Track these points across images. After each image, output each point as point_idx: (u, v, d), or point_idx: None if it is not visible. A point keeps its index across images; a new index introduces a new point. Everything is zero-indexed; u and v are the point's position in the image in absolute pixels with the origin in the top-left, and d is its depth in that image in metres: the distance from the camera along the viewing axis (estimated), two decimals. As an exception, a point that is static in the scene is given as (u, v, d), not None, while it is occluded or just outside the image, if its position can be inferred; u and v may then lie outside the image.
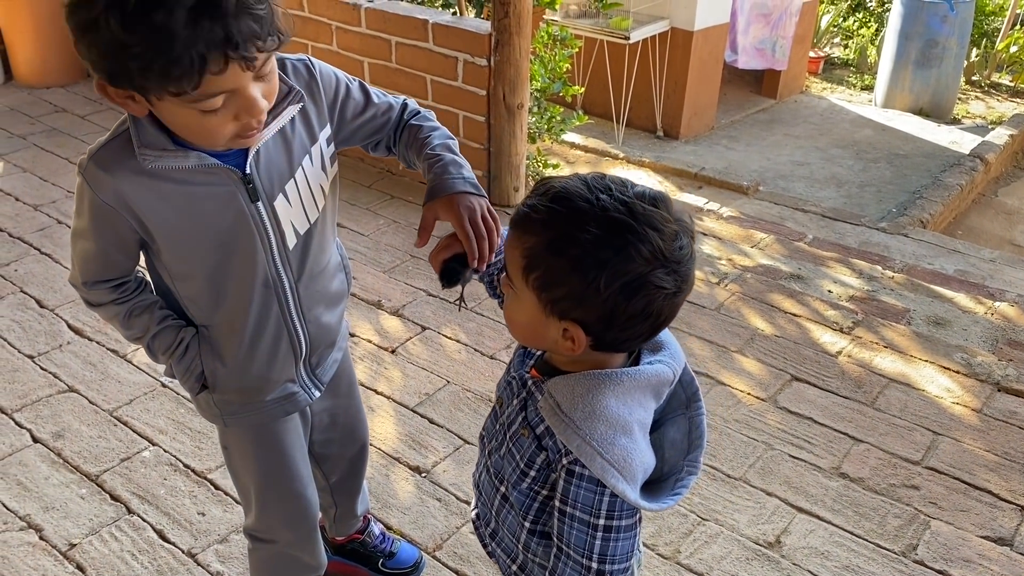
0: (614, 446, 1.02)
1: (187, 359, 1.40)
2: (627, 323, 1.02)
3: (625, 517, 1.07)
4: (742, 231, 3.79)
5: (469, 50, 3.53)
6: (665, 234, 0.99)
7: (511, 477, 1.16)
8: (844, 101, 7.40)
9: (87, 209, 1.26)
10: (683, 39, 5.99)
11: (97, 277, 1.35)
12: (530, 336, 1.11)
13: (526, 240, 1.03)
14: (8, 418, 2.46)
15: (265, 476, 1.58)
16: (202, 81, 1.03)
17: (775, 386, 2.66)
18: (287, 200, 1.31)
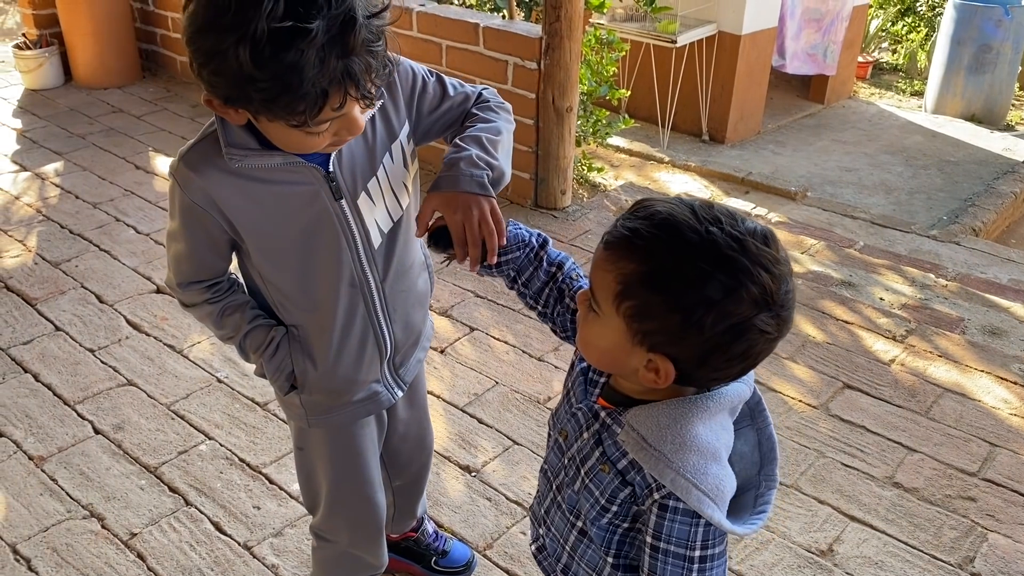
0: (707, 475, 0.99)
1: (277, 358, 1.41)
2: (723, 364, 0.98)
3: (718, 544, 1.04)
4: (791, 237, 3.76)
5: (519, 53, 3.55)
6: (775, 276, 0.95)
7: (590, 513, 1.11)
8: (893, 107, 7.29)
9: (178, 210, 1.30)
10: (731, 43, 5.95)
11: (190, 278, 1.38)
12: (608, 362, 1.07)
13: (624, 266, 0.97)
14: (71, 409, 2.53)
15: (339, 479, 1.59)
16: (320, 114, 1.07)
17: (827, 393, 2.63)
18: (370, 198, 1.32)
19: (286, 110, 1.06)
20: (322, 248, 1.32)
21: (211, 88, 1.09)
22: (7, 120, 4.54)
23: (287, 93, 1.03)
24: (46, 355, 2.76)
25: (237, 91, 1.06)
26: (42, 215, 3.61)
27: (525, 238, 1.27)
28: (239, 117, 1.15)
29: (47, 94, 4.84)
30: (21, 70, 4.87)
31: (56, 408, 2.54)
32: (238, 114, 1.14)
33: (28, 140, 4.31)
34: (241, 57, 1.00)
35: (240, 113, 1.14)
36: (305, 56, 1.00)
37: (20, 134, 4.37)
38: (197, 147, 1.26)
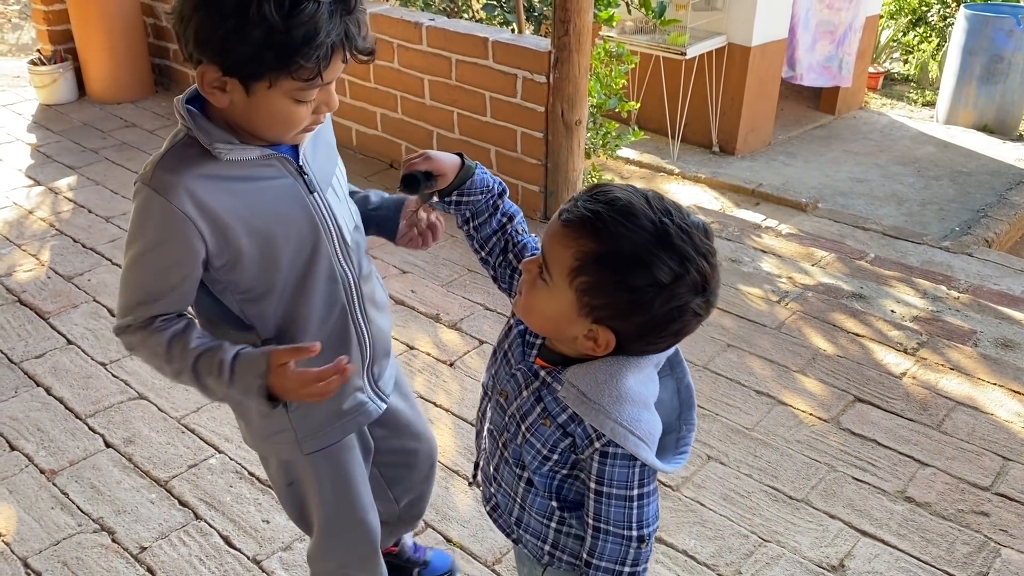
0: (641, 422, 1.10)
1: (237, 376, 1.29)
2: (657, 339, 1.09)
3: (651, 482, 1.17)
4: (802, 249, 3.75)
5: (528, 67, 3.56)
6: (713, 266, 1.07)
7: (532, 463, 1.22)
8: (904, 117, 7.27)
9: (158, 224, 1.23)
10: (740, 55, 5.96)
11: (148, 312, 1.29)
12: (549, 328, 1.15)
13: (583, 244, 1.05)
14: (82, 423, 2.54)
15: (333, 507, 1.58)
16: (324, 71, 1.15)
17: (838, 407, 2.62)
18: (336, 195, 1.38)
19: (303, 60, 1.13)
20: (305, 242, 1.33)
21: (218, 55, 1.14)
22: (22, 135, 4.59)
23: (306, 44, 1.11)
24: (58, 369, 2.77)
25: (252, 51, 1.12)
26: (55, 229, 3.64)
27: (489, 184, 1.35)
28: (222, 99, 1.19)
29: (61, 109, 4.89)
30: (36, 85, 4.92)
31: (67, 422, 2.55)
32: (225, 94, 1.18)
33: (42, 155, 4.35)
34: (265, 10, 1.09)
35: (228, 92, 1.18)
36: (321, 10, 1.11)
37: (34, 148, 4.42)
38: (170, 155, 1.25)
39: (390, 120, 4.22)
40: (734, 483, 2.33)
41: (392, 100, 4.15)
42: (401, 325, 3.05)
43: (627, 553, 1.17)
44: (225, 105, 1.21)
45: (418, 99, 4.03)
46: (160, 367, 1.34)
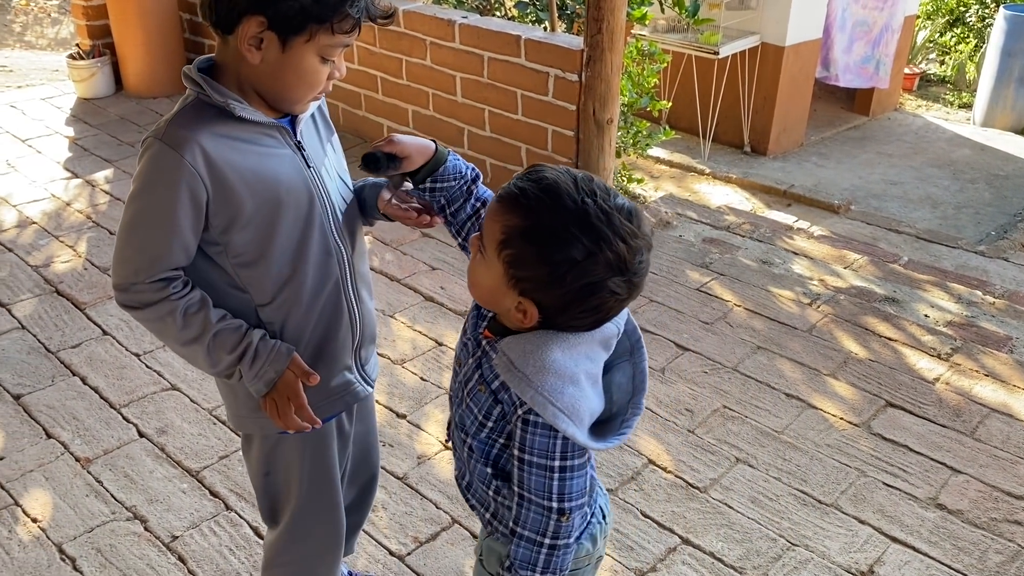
0: (563, 395, 1.13)
1: (257, 364, 1.37)
2: (578, 314, 1.14)
3: (577, 457, 1.19)
4: (834, 251, 3.71)
5: (560, 65, 3.56)
6: (632, 247, 1.10)
7: (471, 428, 1.27)
8: (940, 119, 7.16)
9: (168, 177, 1.26)
10: (774, 54, 5.90)
11: (156, 267, 1.31)
12: (487, 299, 1.22)
13: (509, 219, 1.11)
14: (117, 412, 2.59)
15: (311, 492, 1.58)
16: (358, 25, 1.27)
17: (869, 411, 2.59)
18: (328, 174, 1.43)
19: (349, 10, 1.24)
20: (303, 212, 1.37)
21: (268, 7, 1.22)
22: (60, 128, 4.67)
23: None
24: (94, 359, 2.82)
25: (305, 2, 1.22)
26: (92, 221, 3.70)
27: (462, 170, 1.39)
28: (257, 55, 1.26)
29: (98, 103, 4.97)
30: (74, 79, 5.00)
31: (102, 411, 2.59)
32: (259, 51, 1.26)
33: (79, 147, 4.42)
34: None
35: (263, 49, 1.26)
36: None
37: (72, 141, 4.49)
38: (182, 113, 1.30)
39: (422, 117, 4.24)
40: (762, 486, 2.32)
41: (424, 97, 4.17)
42: (430, 321, 3.06)
43: (547, 524, 1.20)
44: (256, 62, 1.27)
45: (449, 96, 4.05)
46: (165, 332, 1.36)
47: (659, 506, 2.26)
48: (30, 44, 7.19)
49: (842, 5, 6.14)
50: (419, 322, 3.06)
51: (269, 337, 1.40)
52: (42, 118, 4.77)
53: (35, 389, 2.68)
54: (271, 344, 1.38)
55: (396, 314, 3.10)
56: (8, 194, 3.91)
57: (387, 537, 2.17)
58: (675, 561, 2.09)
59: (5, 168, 4.18)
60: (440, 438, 2.50)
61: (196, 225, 1.30)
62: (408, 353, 2.89)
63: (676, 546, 2.14)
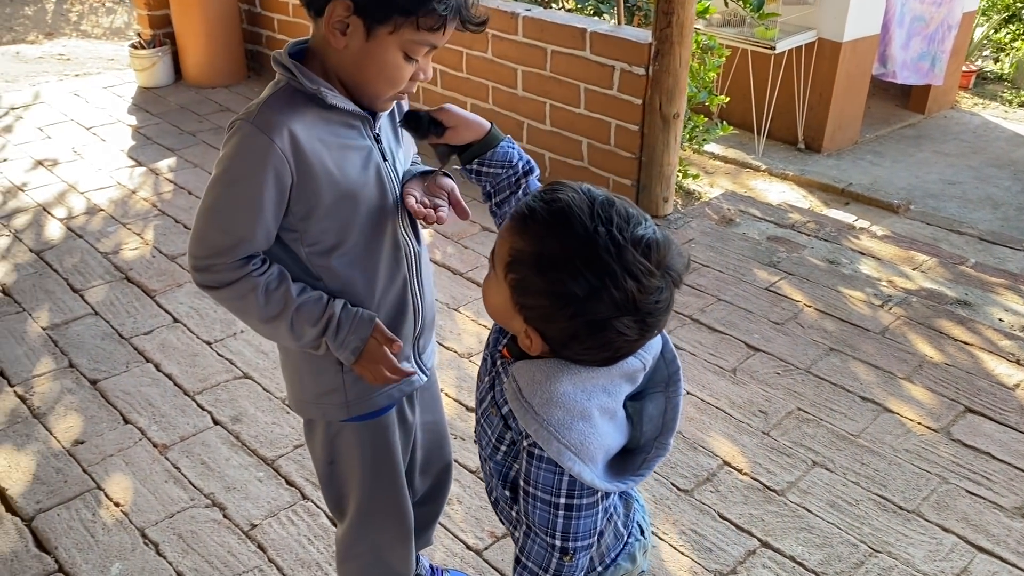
0: (571, 430, 1.05)
1: (342, 334, 1.36)
2: (584, 351, 1.05)
3: (586, 496, 1.09)
4: (901, 252, 3.64)
5: (627, 59, 3.53)
6: (644, 287, 0.99)
7: (486, 449, 1.22)
8: (999, 118, 7.02)
9: (254, 159, 1.26)
10: (831, 50, 5.81)
11: (239, 250, 1.31)
12: (499, 318, 1.14)
13: (516, 241, 1.04)
14: (191, 400, 2.62)
15: (373, 481, 1.58)
16: (448, 25, 1.23)
17: (947, 417, 2.54)
18: (397, 169, 1.42)
19: (436, 6, 1.20)
20: (375, 204, 1.37)
21: None
22: (123, 116, 4.73)
23: None
24: (166, 346, 2.85)
25: None
26: (157, 209, 3.74)
27: (513, 159, 1.33)
28: (341, 40, 1.24)
29: (159, 92, 5.02)
30: (136, 68, 5.06)
31: (177, 398, 2.62)
32: (344, 37, 1.24)
33: (143, 136, 4.47)
34: None
35: (348, 35, 1.23)
36: None
37: (135, 130, 4.55)
38: (275, 97, 1.29)
39: (480, 110, 4.22)
40: (841, 490, 2.28)
41: (483, 90, 4.16)
42: (495, 315, 3.05)
43: (550, 561, 1.13)
44: (340, 47, 1.25)
45: (510, 89, 4.03)
46: (247, 310, 1.36)
47: (736, 508, 2.23)
48: (86, 33, 7.29)
49: (901, 1, 6.03)
50: (483, 316, 3.05)
51: (350, 305, 1.39)
52: (104, 107, 4.84)
53: (111, 375, 2.72)
54: (353, 312, 1.37)
55: (460, 308, 3.10)
56: (76, 181, 3.97)
57: (464, 531, 2.17)
58: (755, 564, 2.07)
59: (72, 155, 4.24)
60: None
61: (278, 210, 1.30)
62: (474, 347, 2.89)
63: (755, 549, 2.11)
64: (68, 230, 3.56)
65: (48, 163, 4.16)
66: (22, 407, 2.58)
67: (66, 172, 4.07)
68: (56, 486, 2.29)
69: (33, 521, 2.18)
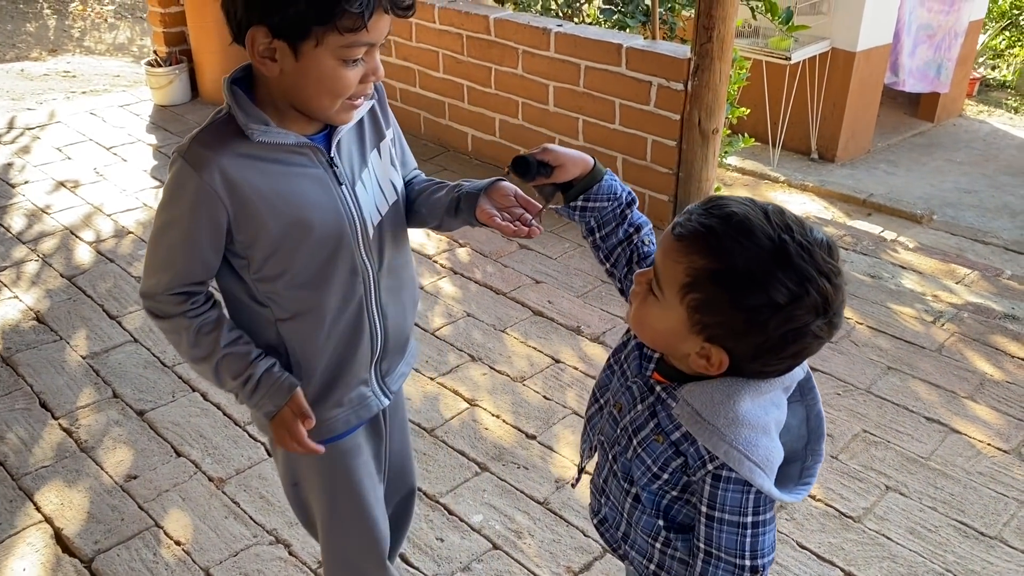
0: (758, 447, 1.05)
1: (257, 395, 1.37)
2: (775, 362, 1.04)
3: (768, 511, 1.11)
4: (942, 265, 3.62)
5: (664, 74, 3.49)
6: (836, 286, 1.01)
7: (641, 480, 1.18)
8: (1007, 125, 7.04)
9: (187, 196, 1.25)
10: (844, 60, 5.81)
11: (177, 281, 1.32)
12: (661, 343, 1.12)
13: (695, 260, 1.02)
14: (242, 430, 2.55)
15: (336, 506, 1.55)
16: (369, 22, 1.16)
17: (1017, 437, 2.51)
18: (364, 187, 1.38)
19: (347, 5, 1.14)
20: (330, 231, 1.33)
21: (266, 15, 1.16)
22: (142, 136, 4.65)
23: None
24: (210, 374, 2.78)
25: (300, 5, 1.13)
26: (185, 231, 3.67)
27: (617, 191, 1.31)
28: (272, 68, 1.20)
29: (176, 110, 4.95)
30: (152, 86, 4.99)
31: (228, 429, 2.55)
32: (275, 63, 1.20)
33: (163, 155, 4.40)
34: None
35: (278, 60, 1.19)
36: None
37: (156, 149, 4.47)
38: (208, 129, 1.27)
39: (509, 126, 4.18)
40: (919, 516, 2.24)
41: (513, 106, 4.12)
42: (543, 337, 3.01)
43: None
44: (276, 75, 1.22)
45: (541, 105, 3.99)
46: (179, 345, 1.39)
47: (815, 536, 2.19)
48: (89, 49, 7.20)
49: (909, 8, 6.04)
50: (531, 337, 3.00)
51: (278, 368, 1.38)
52: (123, 125, 4.76)
53: (158, 405, 2.65)
54: (275, 377, 1.37)
55: (507, 329, 3.05)
56: (101, 203, 3.89)
57: (539, 566, 2.12)
58: (842, 594, 2.03)
59: (95, 176, 4.16)
60: (575, 461, 2.44)
61: (216, 243, 1.30)
62: (526, 370, 2.84)
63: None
64: (98, 254, 3.48)
65: (70, 184, 4.08)
66: (68, 441, 2.50)
67: (90, 193, 3.99)
68: (113, 524, 2.22)
69: (93, 563, 2.11)
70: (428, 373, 2.79)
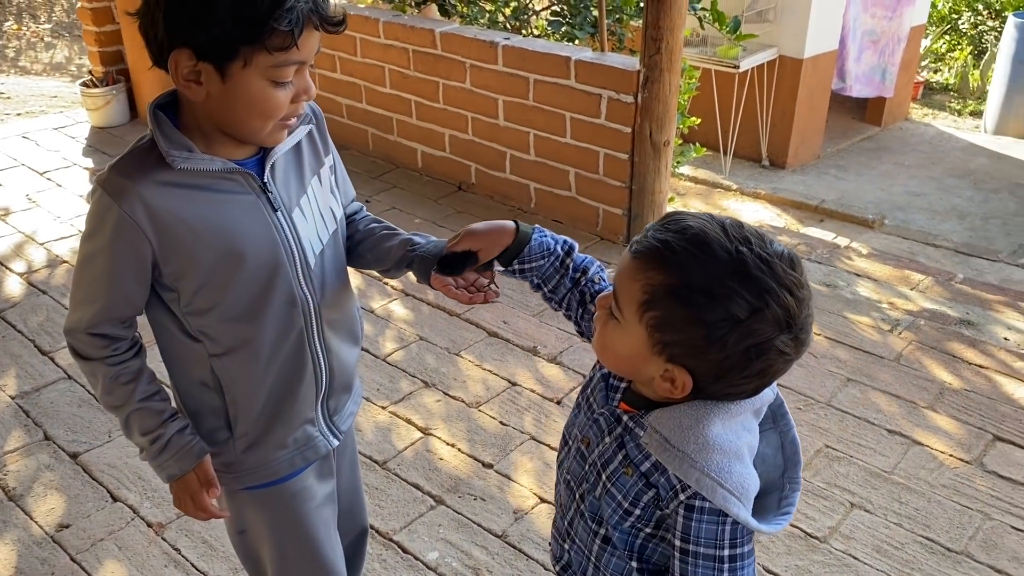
0: (731, 474, 1.01)
1: (163, 456, 1.32)
2: (740, 380, 1.00)
3: (747, 543, 1.06)
4: (896, 271, 3.62)
5: (614, 87, 3.45)
6: (799, 300, 0.97)
7: (612, 518, 1.12)
8: (951, 128, 7.16)
9: (107, 227, 1.19)
10: (792, 67, 5.85)
11: (100, 316, 1.26)
12: (625, 368, 1.09)
13: (652, 276, 0.99)
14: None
15: (286, 555, 1.48)
16: (299, 39, 1.12)
17: (978, 447, 2.49)
18: (303, 215, 1.32)
19: (276, 23, 1.10)
20: (265, 260, 1.27)
21: (189, 37, 1.11)
22: (78, 159, 4.47)
23: (276, 7, 1.09)
24: (150, 411, 2.65)
25: (222, 25, 1.08)
26: (124, 259, 3.52)
27: (550, 246, 1.28)
28: (197, 92, 1.15)
29: (114, 131, 4.78)
30: (88, 108, 4.81)
31: (168, 469, 2.42)
32: (200, 86, 1.14)
33: (100, 180, 4.23)
34: None
35: (204, 83, 1.14)
36: None
37: (92, 174, 4.30)
38: (128, 158, 1.21)
39: (460, 141, 4.10)
40: (884, 533, 2.20)
41: (462, 121, 4.04)
42: (498, 359, 2.92)
43: None
44: (201, 99, 1.16)
45: (491, 120, 3.92)
46: (95, 387, 1.33)
47: (781, 560, 2.13)
48: (25, 70, 6.97)
49: (853, 15, 6.11)
50: (487, 360, 2.92)
51: (190, 431, 1.33)
52: (58, 149, 4.57)
53: (93, 446, 2.51)
54: (185, 440, 1.32)
55: (462, 352, 2.96)
56: (33, 231, 3.72)
57: (499, 603, 2.03)
58: (810, 620, 1.97)
59: (27, 203, 3.98)
60: (533, 490, 2.36)
61: (141, 276, 1.23)
62: (482, 395, 2.75)
63: (808, 603, 2.01)
64: (30, 285, 3.31)
65: (0, 213, 3.89)
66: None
67: (21, 222, 3.81)
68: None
69: (21, 623, 1.97)
70: (379, 402, 2.69)
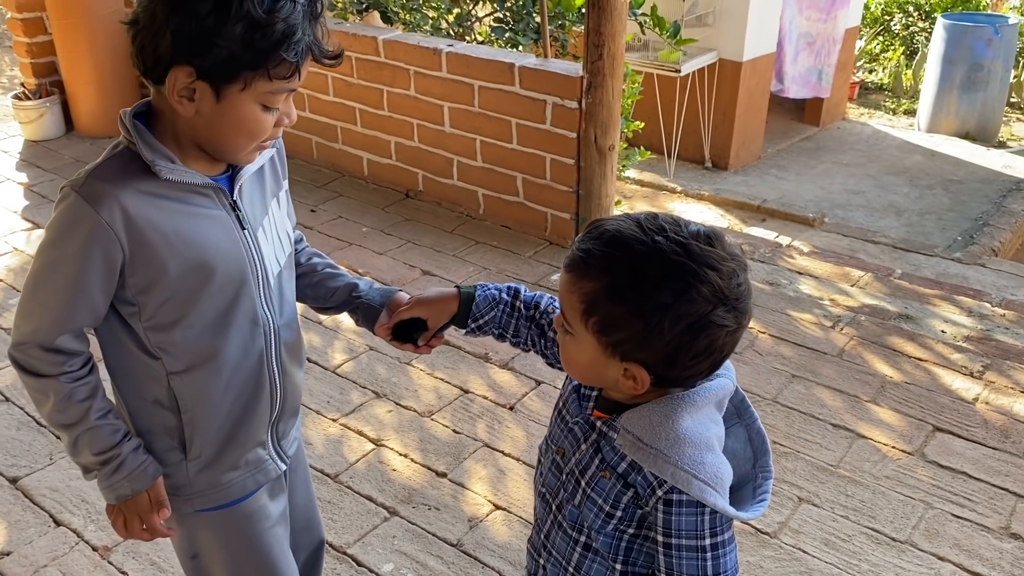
0: (704, 465, 1.04)
1: (117, 476, 1.28)
2: (690, 362, 1.04)
3: (726, 530, 1.09)
4: (837, 268, 3.71)
5: (559, 93, 3.47)
6: (723, 272, 1.01)
7: (595, 523, 1.14)
8: (887, 127, 7.35)
9: (79, 234, 1.16)
10: (731, 70, 5.96)
11: (56, 328, 1.21)
12: (590, 376, 1.13)
13: (583, 285, 1.04)
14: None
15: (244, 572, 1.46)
16: (302, 69, 1.16)
17: (919, 438, 2.56)
18: (265, 235, 1.34)
19: (285, 54, 1.12)
20: (231, 276, 1.27)
21: (196, 56, 1.11)
22: (12, 174, 4.34)
23: (287, 39, 1.12)
24: (93, 431, 2.58)
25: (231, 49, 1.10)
26: (62, 275, 3.43)
27: (495, 296, 1.34)
28: (190, 107, 1.15)
29: (49, 145, 4.65)
30: (21, 121, 4.67)
31: (113, 491, 2.36)
32: (192, 103, 1.15)
33: (36, 195, 4.12)
34: (248, 7, 1.09)
35: (196, 100, 1.14)
36: (296, 10, 1.13)
37: (27, 188, 4.18)
38: (106, 164, 1.19)
39: (406, 148, 4.09)
40: (831, 526, 2.25)
41: (408, 128, 4.02)
42: (450, 367, 2.92)
43: None
44: (190, 115, 1.16)
45: (437, 127, 3.91)
46: (42, 405, 1.27)
47: (733, 555, 2.16)
48: (-47, 81, 6.75)
49: (789, 18, 6.25)
50: (438, 368, 2.91)
51: (143, 450, 1.31)
52: (-11, 164, 4.45)
53: (33, 469, 2.44)
54: (140, 460, 1.29)
55: (413, 361, 2.95)
56: (-35, 250, 3.61)
57: (456, 613, 2.02)
58: (763, 615, 2.01)
59: (-43, 221, 3.86)
60: (487, 497, 2.36)
61: (107, 286, 1.21)
62: (434, 404, 2.74)
63: (760, 598, 2.05)
64: (-38, 307, 3.21)
65: (-71, 231, 3.77)
66: (-69, 519, 2.27)
67: (-48, 240, 3.69)
68: (-16, 611, 2.02)
69: (-38, 657, 1.91)
70: (330, 414, 2.66)
